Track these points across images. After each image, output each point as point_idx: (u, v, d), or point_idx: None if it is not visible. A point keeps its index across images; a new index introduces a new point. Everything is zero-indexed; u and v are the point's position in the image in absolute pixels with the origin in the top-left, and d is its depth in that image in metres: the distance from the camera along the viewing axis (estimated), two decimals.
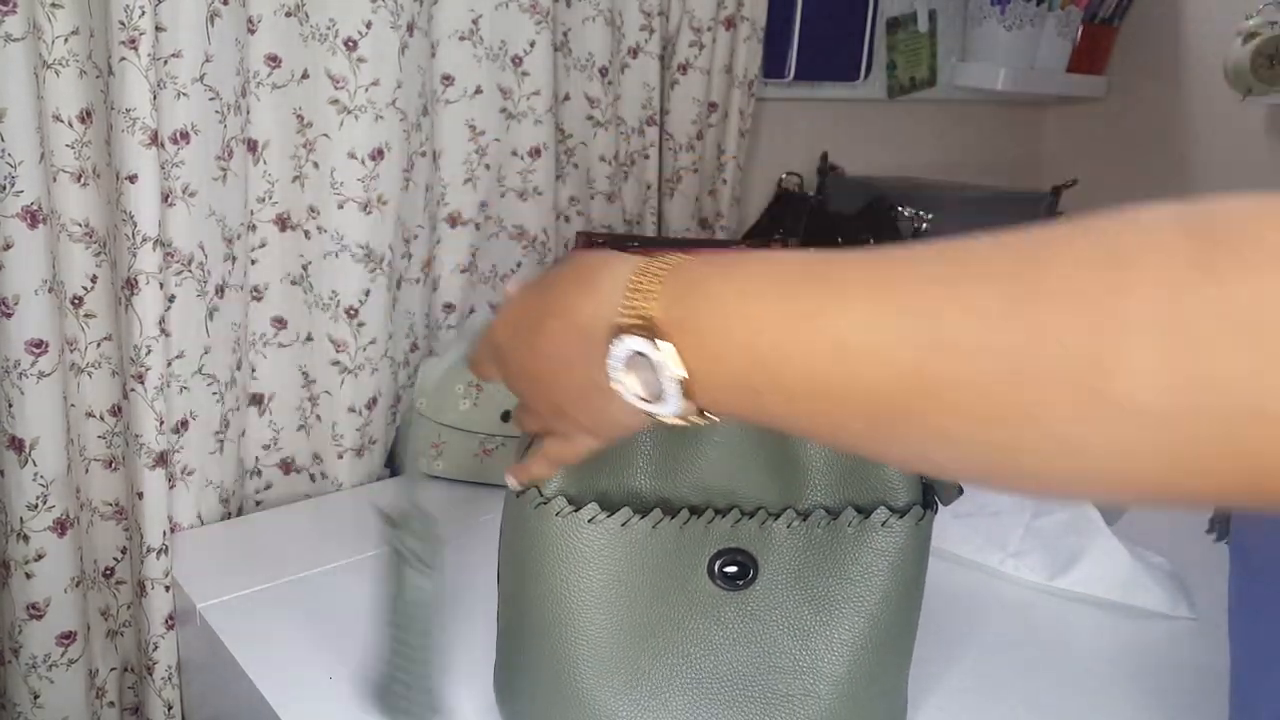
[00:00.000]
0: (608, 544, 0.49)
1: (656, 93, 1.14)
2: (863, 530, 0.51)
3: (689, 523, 0.50)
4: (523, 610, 0.52)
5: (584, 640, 0.50)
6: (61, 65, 0.71)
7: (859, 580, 0.51)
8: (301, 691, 0.63)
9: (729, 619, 0.51)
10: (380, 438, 0.97)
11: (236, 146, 0.83)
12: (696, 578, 0.51)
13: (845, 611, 0.51)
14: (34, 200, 0.72)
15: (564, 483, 0.50)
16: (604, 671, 0.51)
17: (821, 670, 0.52)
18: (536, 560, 0.50)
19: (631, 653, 0.51)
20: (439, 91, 0.97)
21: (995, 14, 1.49)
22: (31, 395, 0.74)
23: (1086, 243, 0.27)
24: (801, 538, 0.51)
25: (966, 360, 0.28)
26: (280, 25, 0.84)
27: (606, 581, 0.50)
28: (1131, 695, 0.66)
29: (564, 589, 0.50)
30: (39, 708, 0.79)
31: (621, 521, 0.49)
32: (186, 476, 0.85)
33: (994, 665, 0.68)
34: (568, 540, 0.49)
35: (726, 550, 0.51)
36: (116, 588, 0.86)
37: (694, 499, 0.51)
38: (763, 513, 0.51)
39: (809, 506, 0.51)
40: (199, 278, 0.81)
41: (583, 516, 0.49)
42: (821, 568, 0.51)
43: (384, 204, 0.90)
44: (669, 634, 0.51)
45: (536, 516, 0.50)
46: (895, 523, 0.51)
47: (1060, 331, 0.26)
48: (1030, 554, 0.80)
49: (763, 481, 0.51)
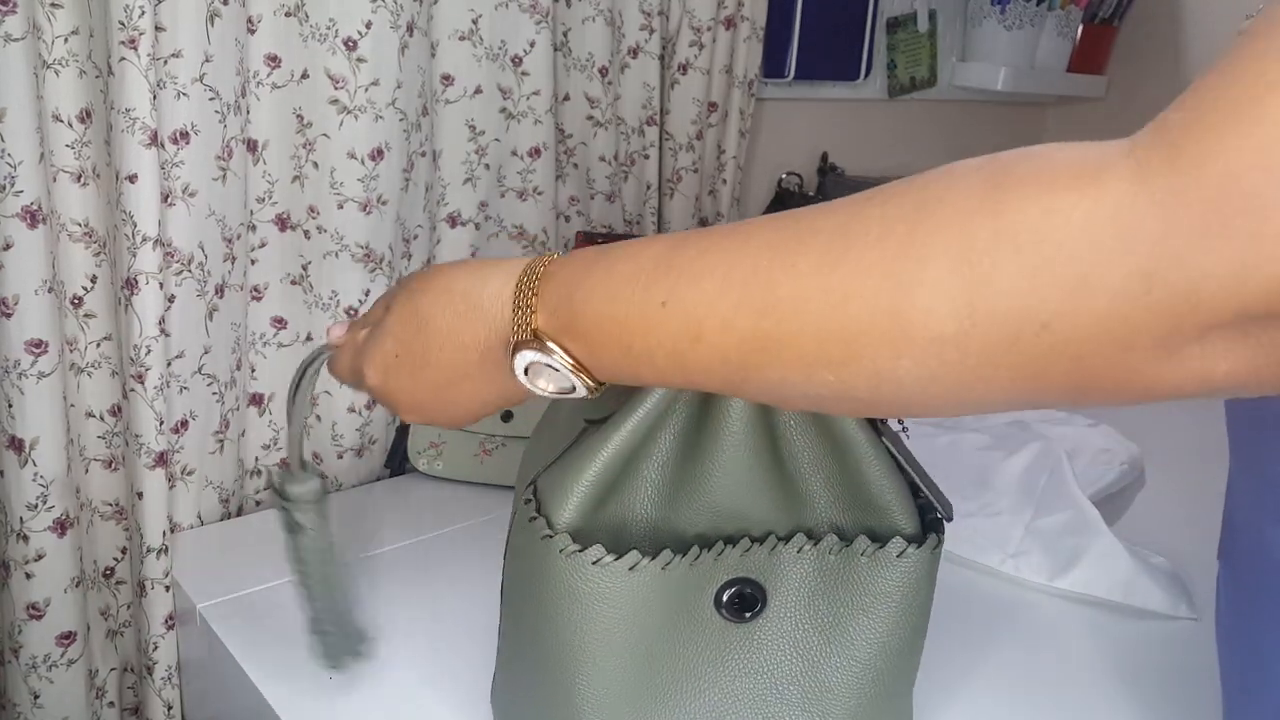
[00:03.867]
0: (613, 586, 0.47)
1: (656, 93, 1.14)
2: (875, 560, 0.49)
3: (700, 558, 0.48)
4: (525, 637, 0.51)
5: (587, 677, 0.48)
6: (61, 65, 0.71)
7: (871, 609, 0.49)
8: (301, 691, 0.63)
9: (736, 651, 0.50)
10: (380, 438, 0.97)
11: (236, 146, 0.82)
12: (703, 610, 0.49)
13: (857, 640, 0.50)
14: (34, 200, 0.72)
15: (572, 517, 0.47)
16: (607, 708, 0.49)
17: (831, 700, 0.50)
18: (539, 593, 0.48)
19: (636, 689, 0.49)
20: (439, 91, 0.97)
21: (995, 14, 1.49)
22: (31, 395, 0.74)
23: (900, 196, 0.31)
24: (812, 563, 0.49)
25: (792, 319, 0.32)
26: (280, 25, 0.84)
27: (613, 623, 0.48)
28: (1131, 695, 0.66)
29: (567, 629, 0.48)
30: (39, 708, 0.79)
31: (629, 566, 0.47)
32: (186, 476, 0.85)
33: (993, 665, 0.68)
34: (572, 581, 0.47)
35: (735, 580, 0.49)
36: (116, 588, 0.86)
37: (702, 525, 0.49)
38: (772, 538, 0.49)
39: (818, 529, 0.50)
40: (199, 278, 0.81)
41: (588, 558, 0.46)
42: (832, 595, 0.50)
43: (384, 204, 0.90)
44: (676, 669, 0.50)
45: (543, 549, 0.47)
46: (912, 552, 0.49)
47: (864, 282, 0.30)
48: (1030, 554, 0.80)
49: (771, 503, 0.50)
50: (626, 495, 0.49)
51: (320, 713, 0.61)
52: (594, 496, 0.47)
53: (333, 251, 0.89)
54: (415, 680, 0.64)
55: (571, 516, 0.47)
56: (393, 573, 0.78)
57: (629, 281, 0.37)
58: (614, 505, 0.49)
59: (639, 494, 0.49)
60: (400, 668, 0.66)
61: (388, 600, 0.74)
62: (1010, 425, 1.03)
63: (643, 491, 0.49)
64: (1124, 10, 1.62)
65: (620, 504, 0.49)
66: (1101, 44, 1.66)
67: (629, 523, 0.49)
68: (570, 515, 0.47)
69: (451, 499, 0.92)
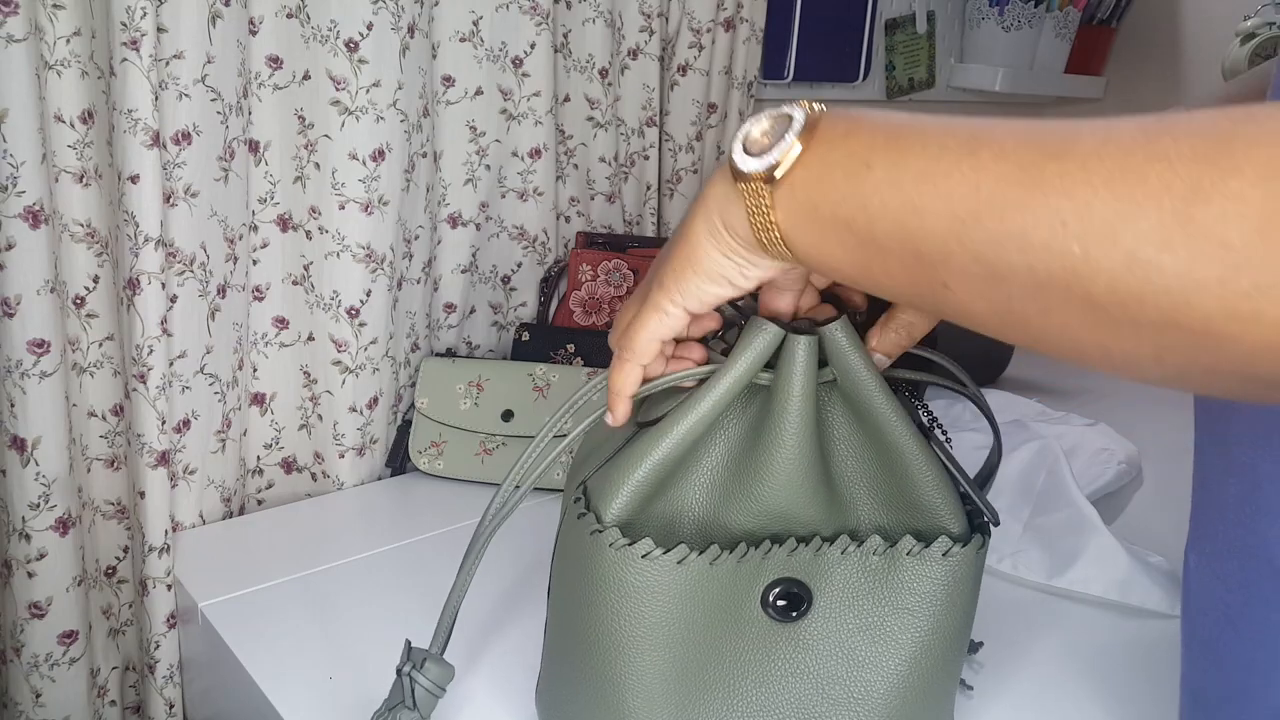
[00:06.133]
0: (661, 579, 0.47)
1: (656, 94, 1.14)
2: (921, 559, 0.49)
3: (746, 555, 0.48)
4: (571, 634, 0.51)
5: (632, 673, 0.48)
6: (63, 66, 0.72)
7: (916, 610, 0.49)
8: (302, 690, 0.63)
9: (781, 651, 0.50)
10: (381, 437, 0.97)
11: (238, 147, 0.83)
12: (749, 609, 0.49)
13: (901, 641, 0.50)
14: (36, 201, 0.72)
15: (620, 513, 0.48)
16: (652, 705, 0.49)
17: (875, 702, 0.50)
18: (587, 588, 0.49)
19: (681, 686, 0.49)
20: (440, 92, 0.97)
21: (994, 15, 1.49)
22: (33, 395, 0.74)
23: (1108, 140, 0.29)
24: (856, 564, 0.49)
25: (993, 227, 0.30)
26: (282, 26, 0.84)
27: (660, 618, 0.48)
28: (1130, 694, 0.66)
29: (614, 622, 0.48)
30: (41, 706, 0.79)
31: (678, 560, 0.47)
32: (188, 476, 0.85)
33: (993, 664, 0.68)
34: (620, 574, 0.47)
35: (781, 580, 0.49)
36: (118, 587, 0.86)
37: (751, 525, 0.49)
38: (817, 539, 0.49)
39: (861, 530, 0.50)
40: (201, 278, 0.81)
41: (636, 551, 0.47)
42: (877, 596, 0.49)
43: (385, 204, 0.90)
44: (720, 667, 0.50)
45: (592, 544, 0.48)
46: (957, 551, 0.49)
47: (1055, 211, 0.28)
48: (1028, 553, 0.80)
49: (817, 506, 0.50)
50: (677, 495, 0.49)
51: (321, 712, 0.61)
52: (643, 494, 0.48)
53: (334, 252, 0.89)
54: None
55: (620, 512, 0.47)
56: (393, 572, 0.78)
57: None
58: (663, 504, 0.49)
59: (690, 494, 0.49)
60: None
61: (388, 600, 0.74)
62: (1009, 424, 1.03)
63: (693, 493, 0.49)
64: (1122, 12, 1.63)
65: (670, 503, 0.49)
66: (1099, 45, 1.67)
67: (677, 521, 0.49)
68: (619, 511, 0.47)
69: (452, 498, 0.92)
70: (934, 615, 0.50)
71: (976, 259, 0.31)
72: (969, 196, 0.31)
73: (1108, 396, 1.25)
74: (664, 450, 0.47)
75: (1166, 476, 0.97)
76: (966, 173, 0.31)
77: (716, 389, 0.47)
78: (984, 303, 0.32)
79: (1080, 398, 1.25)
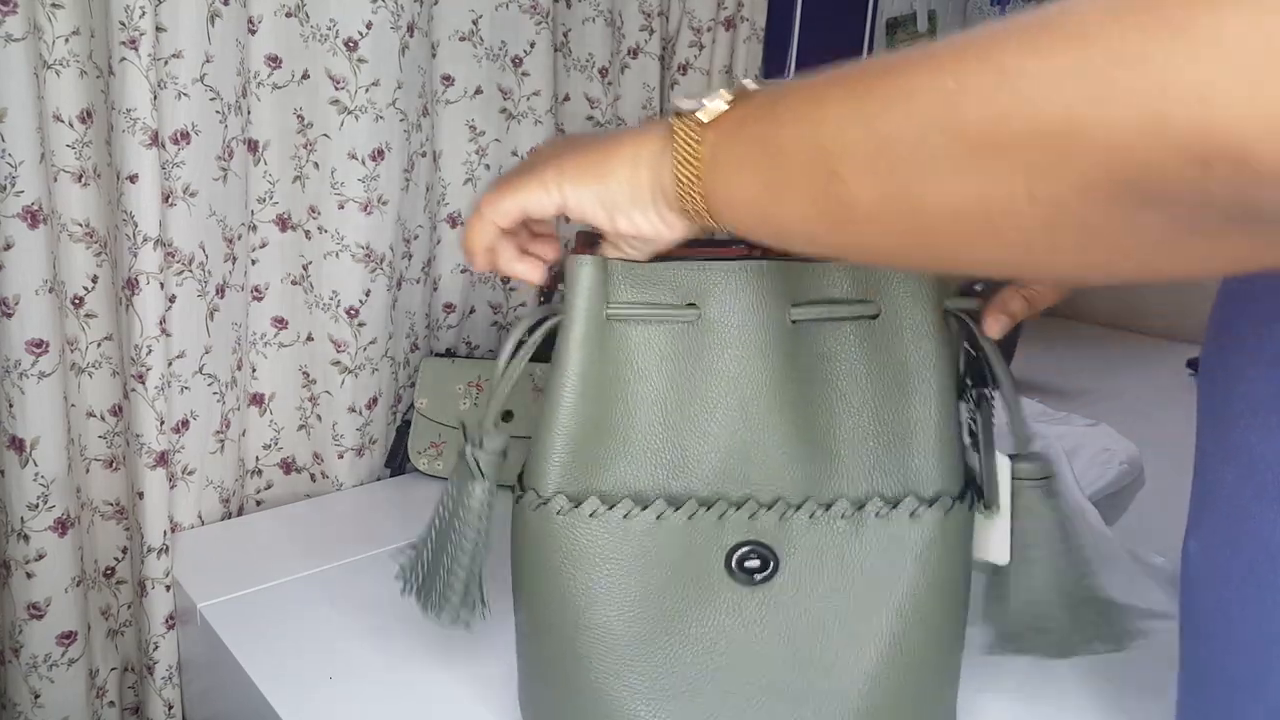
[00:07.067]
0: (611, 539, 0.48)
1: (656, 93, 1.14)
2: (888, 522, 0.48)
3: (696, 515, 0.48)
4: (534, 613, 0.52)
5: (595, 638, 0.49)
6: (62, 65, 0.72)
7: (884, 574, 0.49)
8: (301, 691, 0.63)
9: (751, 614, 0.49)
10: (380, 437, 0.97)
11: (237, 147, 0.83)
12: (714, 572, 0.49)
13: (872, 607, 0.49)
14: (34, 200, 0.72)
15: (562, 480, 0.49)
16: (619, 670, 0.49)
17: (849, 668, 0.49)
18: (542, 562, 0.49)
19: (647, 650, 0.49)
20: (439, 92, 0.97)
21: (994, 14, 1.49)
22: (32, 395, 0.74)
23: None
24: (824, 529, 0.49)
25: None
26: (281, 26, 0.84)
27: (615, 578, 0.48)
28: (1130, 695, 0.66)
29: (571, 587, 0.49)
30: (39, 707, 0.79)
31: (623, 514, 0.48)
32: (187, 476, 0.85)
33: (991, 663, 0.68)
34: (570, 538, 0.48)
35: (745, 543, 0.49)
36: (117, 587, 0.86)
37: (703, 492, 0.49)
38: (782, 503, 0.49)
39: (832, 496, 0.49)
40: (199, 278, 0.81)
41: (583, 512, 0.48)
42: (845, 560, 0.49)
43: (384, 204, 0.90)
44: (687, 631, 0.49)
45: (538, 518, 0.49)
46: (924, 513, 0.48)
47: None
48: None
49: (781, 469, 0.49)
50: (621, 466, 0.49)
51: (320, 712, 0.61)
52: (573, 462, 0.49)
53: (333, 252, 0.89)
54: (414, 678, 0.64)
55: (557, 484, 0.49)
56: (393, 571, 0.78)
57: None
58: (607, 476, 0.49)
59: (636, 463, 0.49)
60: (399, 666, 0.66)
61: (387, 599, 0.74)
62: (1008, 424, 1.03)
63: (640, 461, 0.49)
64: None
65: (614, 475, 0.49)
66: None
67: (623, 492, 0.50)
68: (555, 482, 0.49)
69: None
70: (906, 581, 0.49)
71: (868, 129, 0.34)
72: (862, 80, 0.35)
73: (1109, 397, 1.25)
74: (565, 411, 0.49)
75: (1168, 477, 0.97)
76: (862, 73, 0.35)
77: (571, 332, 0.49)
78: (871, 180, 0.34)
79: (1082, 398, 1.25)
